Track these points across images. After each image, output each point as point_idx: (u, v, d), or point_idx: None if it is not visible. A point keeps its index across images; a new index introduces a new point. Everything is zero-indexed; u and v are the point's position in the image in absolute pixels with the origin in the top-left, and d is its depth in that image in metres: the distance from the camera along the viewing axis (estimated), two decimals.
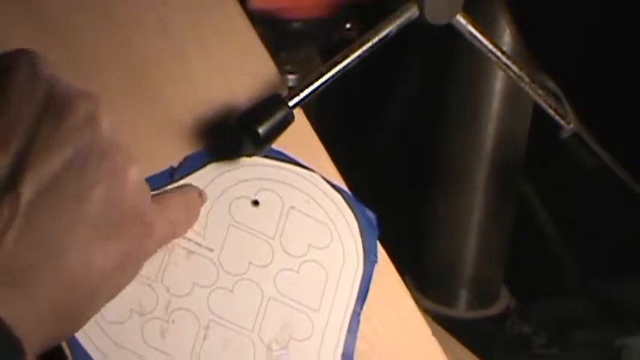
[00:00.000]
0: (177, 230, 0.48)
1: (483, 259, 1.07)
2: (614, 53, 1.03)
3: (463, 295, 1.09)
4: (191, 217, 0.49)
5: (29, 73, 0.42)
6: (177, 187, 0.50)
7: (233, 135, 0.51)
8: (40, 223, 0.39)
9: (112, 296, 0.44)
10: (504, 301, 1.11)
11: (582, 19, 0.98)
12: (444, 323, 0.88)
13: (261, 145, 0.50)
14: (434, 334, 0.54)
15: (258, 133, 0.50)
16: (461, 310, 1.09)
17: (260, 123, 0.50)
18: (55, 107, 0.41)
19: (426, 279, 1.11)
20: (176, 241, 0.49)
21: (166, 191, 0.49)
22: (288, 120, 0.52)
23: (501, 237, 1.08)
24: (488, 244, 1.07)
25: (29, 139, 0.40)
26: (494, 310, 1.10)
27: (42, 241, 0.39)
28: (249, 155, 0.52)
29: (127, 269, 0.44)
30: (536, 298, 1.10)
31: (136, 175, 0.43)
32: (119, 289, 0.44)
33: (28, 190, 0.39)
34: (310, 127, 0.56)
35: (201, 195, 0.50)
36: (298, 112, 0.53)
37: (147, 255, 0.46)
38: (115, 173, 0.42)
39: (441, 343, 0.52)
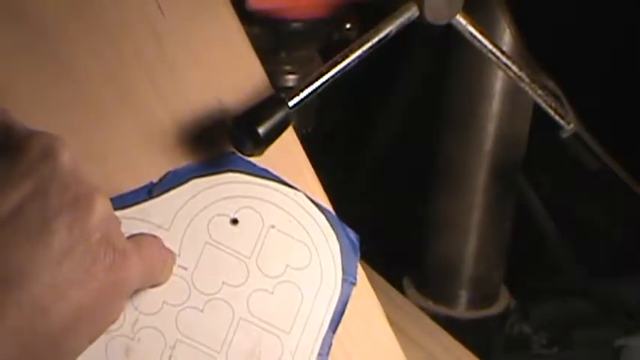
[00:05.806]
0: (154, 270, 0.47)
1: (483, 259, 1.07)
2: (614, 53, 1.03)
3: (463, 295, 1.08)
4: (165, 260, 0.49)
5: None
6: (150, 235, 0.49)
7: (231, 135, 0.51)
8: (0, 255, 0.39)
9: (93, 335, 0.42)
10: (504, 301, 1.11)
11: (582, 20, 0.98)
12: (444, 323, 0.88)
13: (260, 146, 0.50)
14: (434, 334, 0.54)
15: (257, 133, 0.50)
16: (461, 310, 1.09)
17: (260, 123, 0.50)
18: (11, 147, 0.42)
19: (426, 279, 1.11)
20: None
21: (140, 234, 0.49)
22: (287, 120, 0.51)
23: (501, 237, 1.08)
24: (488, 244, 1.07)
25: None
26: (494, 310, 1.10)
27: (3, 270, 0.39)
28: (248, 156, 0.52)
29: (104, 302, 0.42)
30: (536, 298, 1.10)
31: (102, 205, 0.43)
32: (102, 325, 0.43)
33: None
34: (298, 143, 0.55)
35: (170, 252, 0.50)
36: (288, 129, 0.52)
37: (125, 286, 0.44)
38: (78, 203, 0.41)
39: (441, 343, 0.52)
